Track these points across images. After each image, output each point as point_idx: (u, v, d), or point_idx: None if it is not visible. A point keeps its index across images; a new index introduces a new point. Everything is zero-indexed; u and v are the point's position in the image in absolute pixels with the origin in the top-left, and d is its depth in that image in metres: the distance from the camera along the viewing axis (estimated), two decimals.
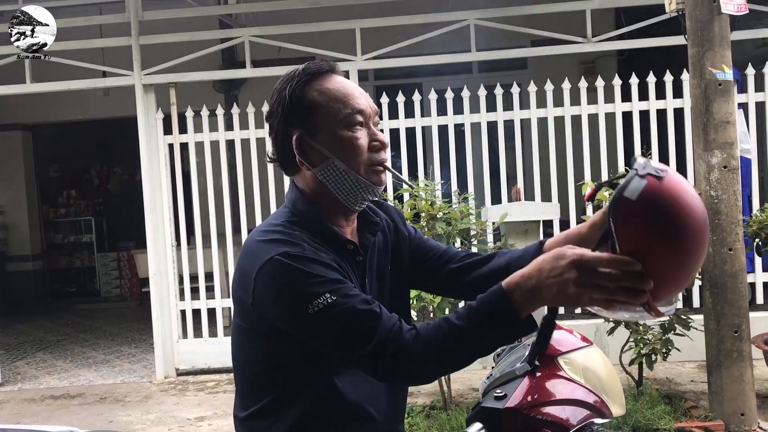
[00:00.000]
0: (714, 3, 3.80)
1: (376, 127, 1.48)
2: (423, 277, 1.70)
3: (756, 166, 5.44)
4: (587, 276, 1.14)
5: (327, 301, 1.30)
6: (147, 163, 5.70)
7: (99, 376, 5.92)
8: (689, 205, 1.15)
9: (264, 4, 6.29)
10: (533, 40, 6.51)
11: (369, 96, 1.50)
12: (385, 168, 1.48)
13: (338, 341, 1.33)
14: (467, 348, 1.28)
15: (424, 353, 1.28)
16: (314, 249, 1.38)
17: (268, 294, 1.35)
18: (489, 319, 1.25)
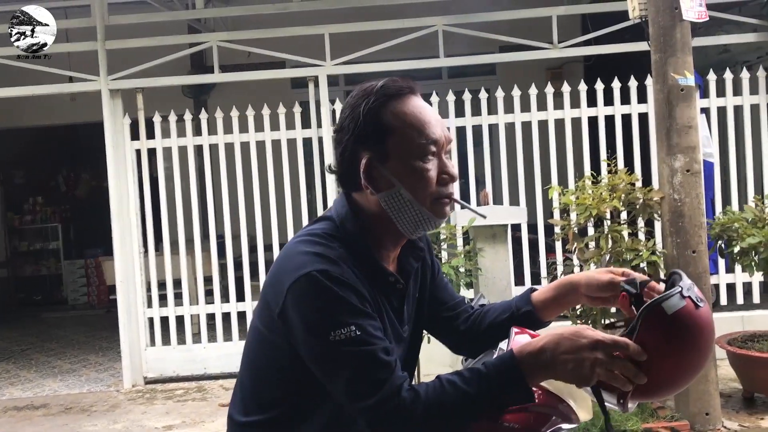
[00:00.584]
0: (676, 10, 3.87)
1: (447, 155, 1.43)
2: (428, 319, 1.66)
3: (718, 170, 5.55)
4: (604, 359, 1.23)
5: (351, 334, 1.26)
6: (114, 169, 5.64)
7: (64, 386, 5.82)
8: (708, 342, 1.28)
9: (232, 9, 6.27)
10: (501, 46, 6.56)
11: (444, 124, 1.44)
12: (452, 200, 1.43)
13: (346, 381, 1.28)
14: (472, 412, 1.28)
15: (425, 415, 1.26)
16: (353, 274, 1.33)
17: (296, 308, 1.30)
18: (499, 387, 1.26)
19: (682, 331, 1.25)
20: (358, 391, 1.27)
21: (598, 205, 3.98)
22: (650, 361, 1.25)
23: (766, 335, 4.44)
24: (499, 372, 1.27)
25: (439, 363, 5.08)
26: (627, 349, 1.24)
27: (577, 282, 1.52)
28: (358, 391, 1.27)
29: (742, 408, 4.32)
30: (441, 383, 1.29)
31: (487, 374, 1.27)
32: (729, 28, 5.85)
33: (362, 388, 1.26)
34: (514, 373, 1.26)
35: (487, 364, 1.29)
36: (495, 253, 4.41)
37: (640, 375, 1.24)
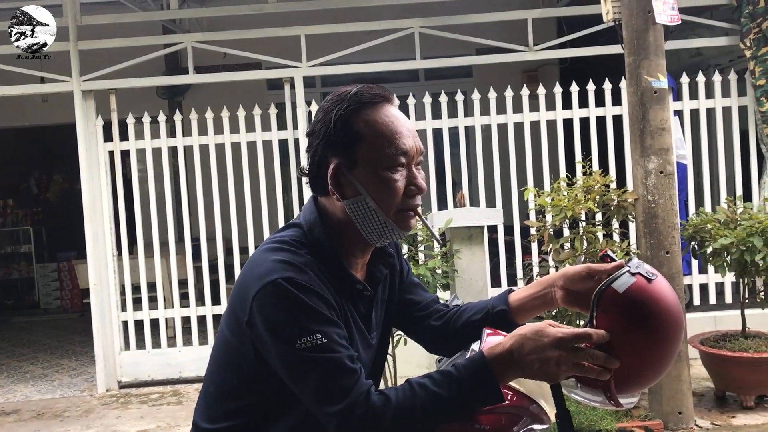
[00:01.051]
0: (649, 13, 3.92)
1: (418, 167, 1.42)
2: (401, 321, 1.67)
3: (691, 172, 5.62)
4: (567, 355, 1.23)
5: (317, 342, 1.27)
6: (87, 171, 5.56)
7: (36, 391, 5.73)
8: (670, 311, 1.27)
9: (207, 10, 6.22)
10: (478, 48, 6.59)
11: (416, 134, 1.42)
12: (417, 214, 1.42)
13: (313, 387, 1.29)
14: (444, 414, 1.28)
15: (396, 419, 1.26)
16: (319, 281, 1.34)
17: (263, 316, 1.30)
18: (472, 389, 1.27)
19: (639, 306, 1.25)
20: (326, 397, 1.27)
21: (573, 207, 4.01)
22: (618, 344, 1.24)
23: (737, 335, 4.50)
24: (470, 374, 1.28)
25: (416, 365, 5.08)
26: (590, 338, 1.24)
27: (553, 278, 1.53)
28: (325, 397, 1.27)
29: (714, 407, 4.37)
30: (411, 387, 1.29)
31: (458, 377, 1.28)
32: (701, 32, 5.93)
33: (330, 394, 1.27)
34: (485, 375, 1.27)
35: (458, 366, 1.30)
36: (471, 255, 4.42)
37: (611, 359, 1.23)
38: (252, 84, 6.73)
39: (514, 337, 1.29)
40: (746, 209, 4.45)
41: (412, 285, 1.67)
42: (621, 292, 1.25)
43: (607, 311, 1.26)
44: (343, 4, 5.87)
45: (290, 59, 5.64)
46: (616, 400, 1.27)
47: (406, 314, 1.66)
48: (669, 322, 1.27)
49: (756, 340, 4.39)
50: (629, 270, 1.28)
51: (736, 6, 5.46)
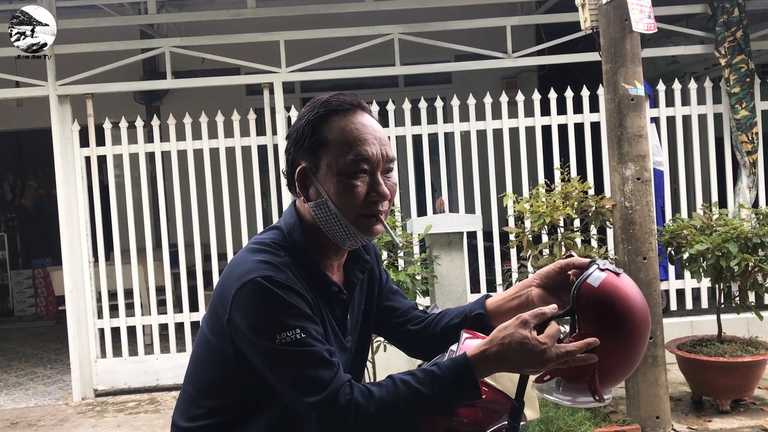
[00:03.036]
0: (626, 21, 3.96)
1: (386, 174, 1.43)
2: (381, 327, 1.70)
3: (668, 178, 5.67)
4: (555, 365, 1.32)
5: (295, 337, 1.31)
6: (62, 177, 5.50)
7: (10, 400, 5.63)
8: (637, 299, 1.39)
9: (186, 15, 6.18)
10: (457, 55, 6.62)
11: (386, 142, 1.44)
12: (379, 221, 1.44)
13: (292, 381, 1.32)
14: (425, 411, 1.33)
15: (378, 413, 1.29)
16: (297, 281, 1.38)
17: (243, 313, 1.34)
18: (455, 388, 1.31)
19: (614, 296, 1.36)
20: (306, 388, 1.31)
21: (551, 213, 4.03)
22: (600, 337, 1.33)
23: (713, 340, 4.55)
24: (455, 374, 1.32)
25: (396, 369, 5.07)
26: (575, 353, 1.31)
27: (530, 280, 1.57)
28: (306, 389, 1.31)
29: (691, 411, 4.41)
30: (394, 383, 1.33)
31: (441, 375, 1.32)
32: (677, 40, 6.01)
33: (310, 386, 1.30)
34: (468, 376, 1.32)
35: (441, 365, 1.34)
36: (451, 261, 4.43)
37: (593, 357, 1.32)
38: (231, 89, 6.71)
39: (499, 344, 1.33)
40: (722, 215, 4.51)
41: (391, 292, 1.71)
42: (596, 286, 1.36)
43: (587, 307, 1.36)
44: (322, 10, 5.87)
45: (269, 64, 5.62)
46: (600, 394, 1.35)
47: (385, 320, 1.69)
48: (639, 307, 1.38)
49: (731, 344, 4.44)
50: (598, 267, 1.39)
51: (711, 15, 5.54)
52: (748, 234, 4.18)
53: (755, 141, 5.45)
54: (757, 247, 4.20)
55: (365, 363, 1.68)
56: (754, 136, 5.44)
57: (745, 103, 5.41)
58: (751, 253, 4.16)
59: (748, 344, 4.45)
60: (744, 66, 5.42)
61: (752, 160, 5.45)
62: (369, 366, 4.21)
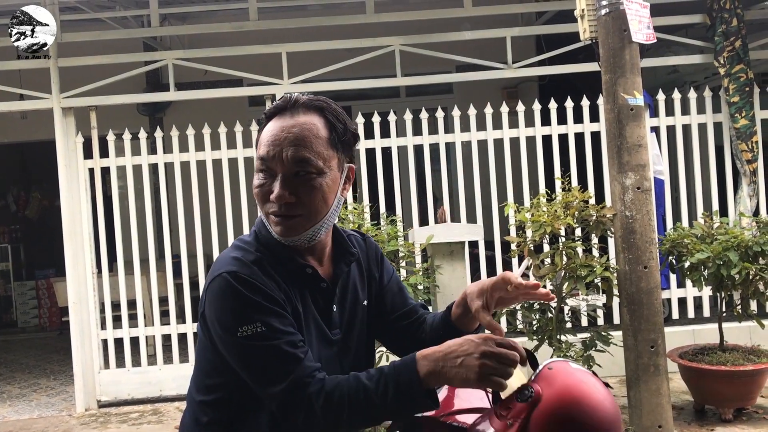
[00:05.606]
0: (625, 32, 3.99)
1: (297, 176, 1.41)
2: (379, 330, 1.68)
3: (669, 187, 5.69)
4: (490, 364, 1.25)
5: (256, 330, 1.34)
6: (66, 188, 5.53)
7: (14, 412, 5.64)
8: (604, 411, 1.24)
9: (189, 27, 6.23)
10: (458, 65, 6.66)
11: (298, 143, 1.40)
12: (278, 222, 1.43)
13: (254, 373, 1.37)
14: (367, 408, 1.31)
15: (326, 406, 1.31)
16: (266, 275, 1.41)
17: (211, 307, 1.40)
18: (395, 385, 1.30)
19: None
20: (266, 380, 1.35)
21: (552, 222, 4.05)
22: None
23: (715, 348, 4.55)
24: (398, 371, 1.32)
25: None
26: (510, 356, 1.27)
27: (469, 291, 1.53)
28: (265, 381, 1.35)
29: (693, 420, 4.41)
30: (348, 377, 1.35)
31: (387, 372, 1.32)
32: (677, 50, 6.04)
33: (269, 378, 1.34)
34: (411, 374, 1.30)
35: (391, 363, 1.34)
36: (452, 270, 4.44)
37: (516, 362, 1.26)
38: (233, 101, 6.75)
39: (446, 344, 1.32)
40: (722, 224, 4.52)
41: (391, 293, 1.68)
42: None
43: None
44: (324, 22, 5.92)
45: (271, 76, 5.66)
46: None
47: (384, 322, 1.67)
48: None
49: (733, 353, 4.44)
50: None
51: (710, 25, 5.57)
52: (749, 242, 4.20)
53: (755, 150, 5.47)
54: (758, 256, 4.21)
55: (372, 363, 1.65)
56: (754, 144, 5.47)
57: (744, 112, 5.44)
58: (752, 261, 4.17)
59: (750, 353, 4.46)
60: (743, 75, 5.44)
61: (752, 169, 5.46)
62: None
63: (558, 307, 4.26)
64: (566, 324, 4.48)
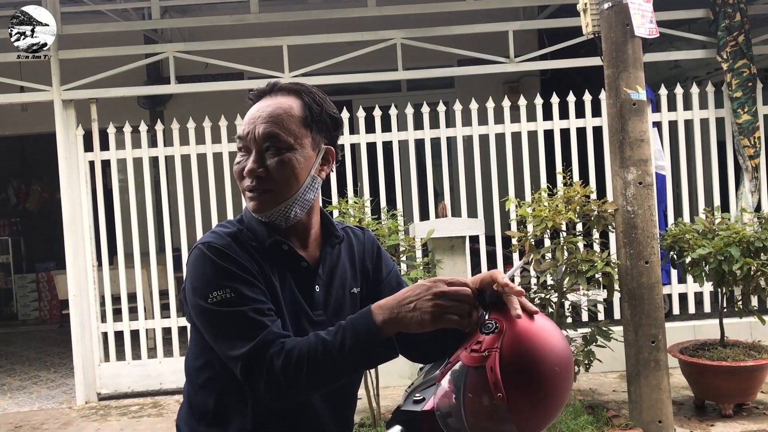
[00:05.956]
0: (627, 26, 3.97)
1: (269, 152, 1.47)
2: None
3: (670, 182, 5.68)
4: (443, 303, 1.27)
5: (225, 296, 1.38)
6: (66, 181, 5.52)
7: (14, 404, 5.65)
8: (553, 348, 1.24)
9: (189, 20, 6.22)
10: (460, 59, 6.64)
11: (268, 119, 1.47)
12: (252, 197, 1.48)
13: (220, 338, 1.40)
14: (326, 362, 1.32)
15: (284, 363, 1.33)
16: (242, 249, 1.46)
17: (188, 277, 1.47)
18: (353, 335, 1.31)
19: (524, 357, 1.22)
20: (230, 344, 1.38)
21: (553, 217, 4.04)
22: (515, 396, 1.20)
23: (716, 344, 4.55)
24: (354, 321, 1.34)
25: (398, 375, 5.09)
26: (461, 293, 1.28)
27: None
28: (230, 345, 1.38)
29: (693, 415, 4.41)
30: (309, 336, 1.37)
31: (345, 325, 1.34)
32: (679, 45, 6.03)
33: (233, 342, 1.37)
34: (368, 321, 1.31)
35: (349, 317, 1.36)
36: (453, 265, 4.44)
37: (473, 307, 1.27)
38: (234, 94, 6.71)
39: (400, 291, 1.34)
40: (724, 219, 4.51)
41: (389, 287, 1.67)
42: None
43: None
44: (325, 15, 5.90)
45: (273, 69, 5.65)
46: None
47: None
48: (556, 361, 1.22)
49: (734, 348, 4.44)
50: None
51: (713, 20, 5.55)
52: (751, 238, 4.19)
53: (757, 145, 5.46)
54: (760, 251, 4.20)
55: None
56: (757, 140, 5.45)
57: (747, 108, 5.42)
58: (754, 257, 4.17)
59: (751, 348, 4.45)
60: (746, 70, 5.43)
61: (754, 164, 5.45)
62: (371, 370, 4.22)
63: (559, 302, 4.26)
64: (567, 319, 4.48)
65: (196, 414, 1.53)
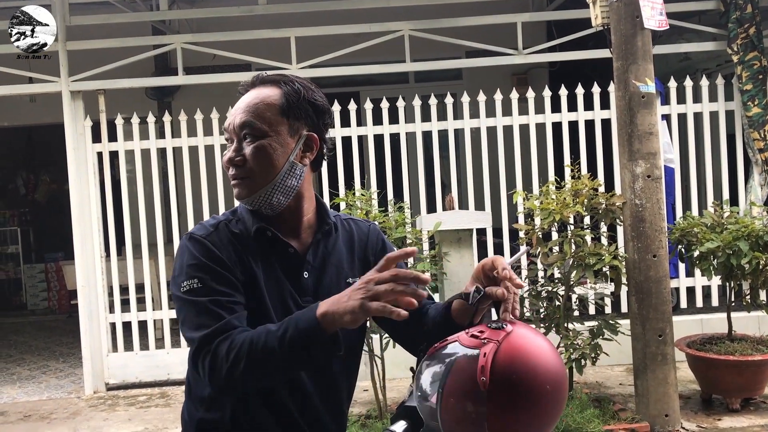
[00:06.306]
0: (637, 18, 3.94)
1: (246, 140, 1.51)
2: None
3: (679, 176, 5.65)
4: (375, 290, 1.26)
5: (193, 286, 1.44)
6: (75, 172, 5.54)
7: (23, 393, 5.69)
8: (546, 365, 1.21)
9: (197, 11, 6.21)
10: (468, 51, 6.61)
11: (248, 109, 1.51)
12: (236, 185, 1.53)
13: (183, 324, 1.46)
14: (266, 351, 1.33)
15: (228, 350, 1.35)
16: (224, 238, 1.50)
17: (173, 267, 1.53)
18: (295, 325, 1.32)
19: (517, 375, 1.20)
20: (188, 331, 1.44)
21: (561, 210, 4.03)
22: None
23: (723, 338, 4.54)
24: (299, 313, 1.36)
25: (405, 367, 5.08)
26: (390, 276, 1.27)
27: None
28: (188, 332, 1.44)
29: (700, 409, 4.41)
30: (259, 327, 1.39)
31: (290, 317, 1.36)
32: (689, 37, 5.98)
33: (191, 331, 1.42)
34: (310, 311, 1.33)
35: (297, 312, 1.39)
36: (460, 258, 4.44)
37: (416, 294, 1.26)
38: None
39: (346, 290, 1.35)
40: (732, 213, 4.49)
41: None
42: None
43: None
44: (332, 6, 5.88)
45: (280, 61, 5.64)
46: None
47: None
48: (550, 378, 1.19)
49: (742, 343, 4.43)
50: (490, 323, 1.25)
51: (723, 11, 5.51)
52: (760, 232, 4.17)
53: (767, 138, 5.42)
54: None
55: (361, 341, 1.69)
56: (766, 133, 5.41)
57: (757, 101, 5.38)
58: (762, 251, 4.14)
59: (759, 343, 4.44)
60: (757, 63, 5.38)
61: (764, 158, 5.41)
62: (378, 362, 4.23)
63: (566, 296, 4.25)
64: (574, 312, 4.47)
65: (195, 400, 1.57)
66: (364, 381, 4.27)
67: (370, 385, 4.30)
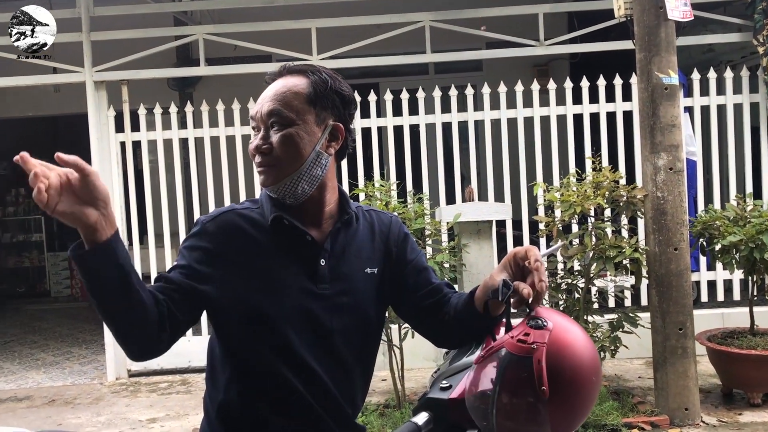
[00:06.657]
0: (661, 9, 3.91)
1: (274, 129, 1.52)
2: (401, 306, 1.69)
3: (701, 168, 5.60)
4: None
5: (177, 261, 1.53)
6: (98, 162, 5.60)
7: (48, 378, 5.79)
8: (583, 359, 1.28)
9: (219, 2, 6.23)
10: (488, 42, 6.58)
11: (275, 98, 1.53)
12: (262, 172, 1.55)
13: None
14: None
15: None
16: (233, 222, 1.55)
17: None
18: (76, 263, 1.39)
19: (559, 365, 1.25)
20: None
21: (582, 202, 4.02)
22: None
23: (745, 332, 4.50)
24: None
25: (423, 357, 5.12)
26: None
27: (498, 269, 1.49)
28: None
29: (721, 403, 4.38)
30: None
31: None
32: (714, 28, 5.91)
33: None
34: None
35: None
36: (479, 249, 4.44)
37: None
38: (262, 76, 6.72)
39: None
40: (756, 207, 4.44)
41: (415, 270, 1.67)
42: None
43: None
44: None
45: (301, 52, 5.66)
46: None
47: (405, 300, 1.67)
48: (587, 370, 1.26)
49: (764, 337, 4.39)
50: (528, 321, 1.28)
51: (749, 2, 5.43)
52: None
53: None
54: None
55: (378, 332, 1.67)
56: None
57: None
58: None
59: None
60: None
61: None
62: (396, 352, 4.26)
63: (585, 288, 4.24)
64: (593, 305, 4.46)
65: (216, 385, 1.60)
66: (383, 371, 4.30)
67: (389, 375, 4.33)
